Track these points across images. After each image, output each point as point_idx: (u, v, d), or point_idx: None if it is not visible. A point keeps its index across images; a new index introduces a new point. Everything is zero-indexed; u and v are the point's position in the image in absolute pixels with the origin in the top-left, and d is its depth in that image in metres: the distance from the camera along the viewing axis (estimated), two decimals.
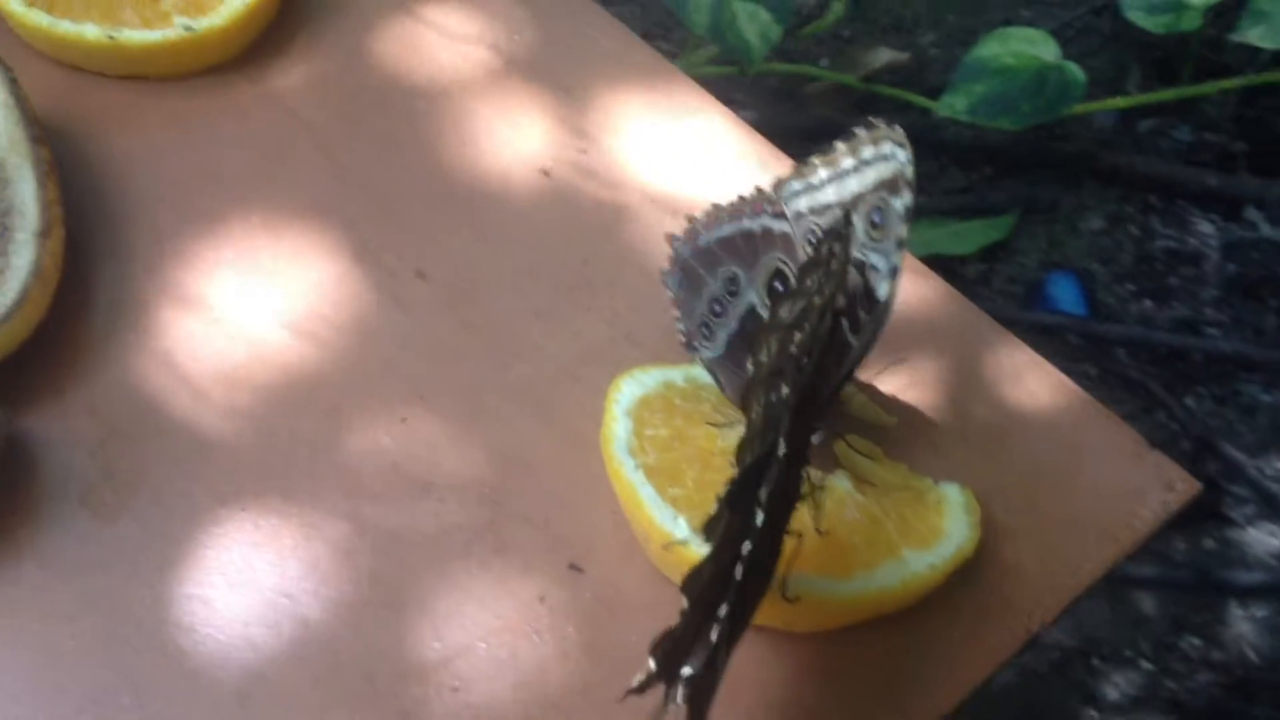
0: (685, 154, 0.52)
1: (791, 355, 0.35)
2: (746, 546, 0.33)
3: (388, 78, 0.54)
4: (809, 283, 0.35)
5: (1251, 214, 1.07)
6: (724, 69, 1.13)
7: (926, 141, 1.20)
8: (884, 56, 1.20)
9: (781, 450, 0.33)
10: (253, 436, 0.45)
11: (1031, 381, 0.47)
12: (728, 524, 0.33)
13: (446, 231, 0.50)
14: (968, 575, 0.42)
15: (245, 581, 0.42)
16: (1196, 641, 0.99)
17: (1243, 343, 1.11)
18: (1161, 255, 1.16)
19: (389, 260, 0.49)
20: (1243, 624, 1.00)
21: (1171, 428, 1.07)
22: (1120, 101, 1.22)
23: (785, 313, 0.35)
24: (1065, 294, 1.13)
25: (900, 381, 0.45)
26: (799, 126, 1.17)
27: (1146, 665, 0.97)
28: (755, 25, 1.05)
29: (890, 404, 0.46)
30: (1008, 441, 0.45)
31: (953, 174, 1.20)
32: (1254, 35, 1.11)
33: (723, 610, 0.32)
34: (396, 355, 0.47)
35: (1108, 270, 1.15)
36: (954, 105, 1.10)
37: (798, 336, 0.36)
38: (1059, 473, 0.45)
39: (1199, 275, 1.15)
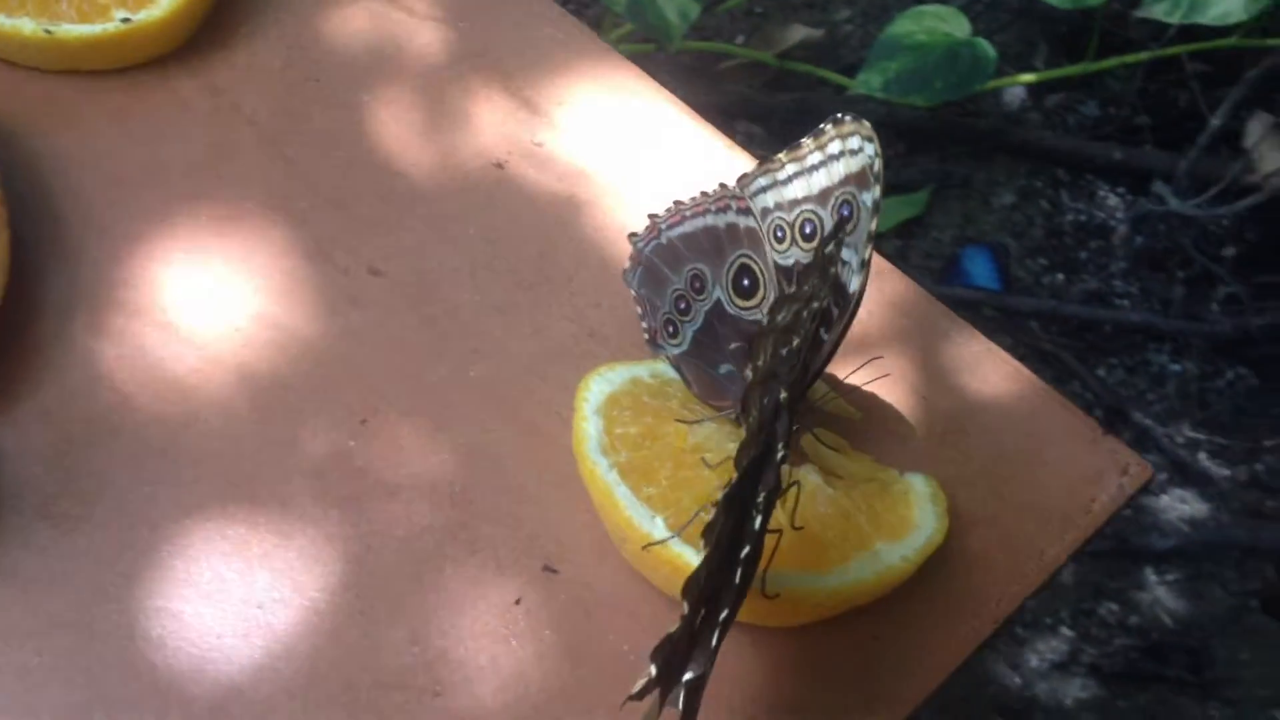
0: (637, 144, 0.52)
1: (783, 357, 0.35)
2: (745, 550, 0.33)
3: (331, 69, 0.53)
4: (806, 287, 0.35)
5: (1159, 187, 1.09)
6: (639, 46, 1.12)
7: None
8: (798, 33, 1.20)
9: (781, 453, 0.33)
10: (215, 442, 0.44)
11: (988, 370, 0.47)
12: (724, 527, 0.34)
13: (399, 227, 0.49)
14: (936, 564, 0.43)
15: (215, 592, 0.41)
16: (1114, 607, 1.02)
17: (1151, 314, 1.14)
18: (1071, 229, 1.18)
19: (342, 257, 0.48)
20: (1157, 589, 1.03)
21: (1085, 398, 1.09)
22: (1028, 77, 1.24)
23: (782, 317, 0.36)
24: (980, 268, 1.15)
25: (861, 374, 0.46)
26: (714, 104, 1.17)
27: (1067, 631, 1.00)
28: (674, 3, 1.05)
29: (853, 397, 0.46)
30: (968, 430, 0.46)
31: None
32: (1158, 10, 1.13)
33: (724, 614, 0.33)
34: (355, 355, 0.46)
35: (1020, 244, 1.17)
36: (869, 82, 1.11)
37: (794, 340, 0.36)
38: (1019, 460, 0.46)
39: (1108, 248, 1.17)
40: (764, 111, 1.21)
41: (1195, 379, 1.11)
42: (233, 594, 0.41)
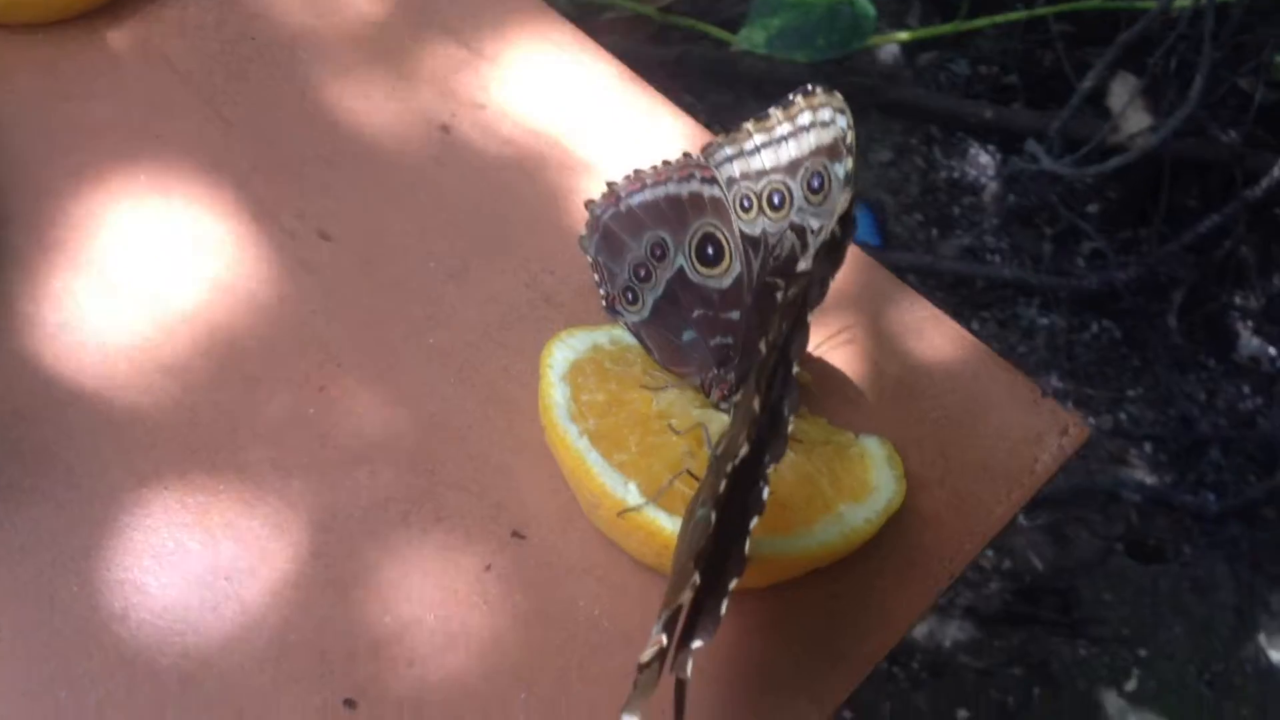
0: (580, 106, 0.52)
1: (785, 333, 0.36)
2: (754, 521, 0.34)
3: (267, 26, 0.51)
4: (817, 267, 0.36)
5: (1032, 146, 1.13)
6: None
7: (722, 74, 1.22)
8: None
9: (790, 427, 0.34)
10: (169, 411, 0.43)
11: (933, 335, 0.49)
12: (732, 497, 0.34)
13: (346, 190, 0.48)
14: (892, 524, 0.44)
15: (178, 564, 0.40)
16: (989, 553, 1.06)
17: (1021, 269, 1.18)
18: (945, 186, 1.21)
19: (288, 220, 0.47)
20: (1029, 533, 1.07)
21: None
22: (903, 36, 1.27)
23: (793, 292, 0.36)
24: (859, 224, 1.17)
25: (812, 340, 0.47)
26: None
27: None
28: None
29: (804, 361, 0.47)
30: (916, 393, 0.48)
31: (749, 106, 1.22)
32: None
33: (733, 583, 0.33)
34: (308, 321, 0.46)
35: (896, 201, 1.20)
36: (751, 38, 1.12)
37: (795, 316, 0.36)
38: (965, 422, 0.47)
39: (980, 205, 1.21)
40: (645, 65, 1.21)
41: (1063, 332, 1.16)
42: (197, 565, 0.40)
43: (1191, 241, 1.15)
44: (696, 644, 0.33)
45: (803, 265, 0.35)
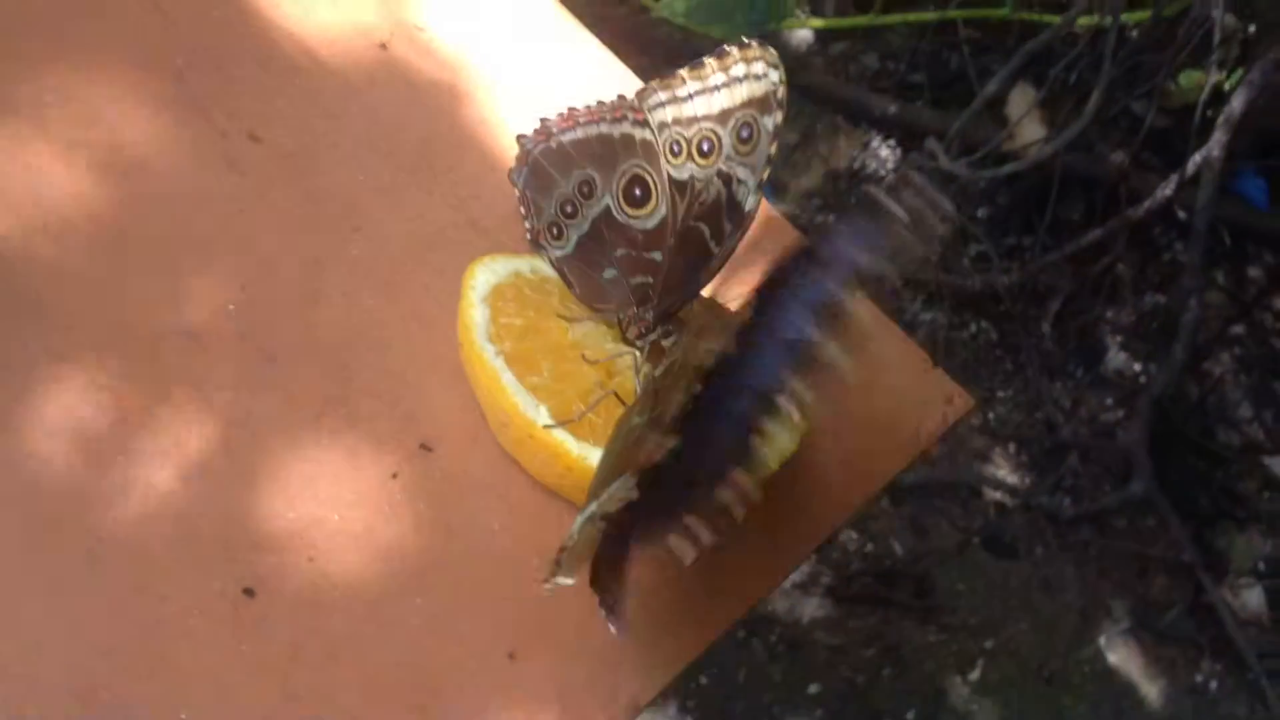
0: (515, 39, 0.53)
1: None
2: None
3: None
4: None
5: (932, 144, 1.16)
6: None
7: (637, 39, 1.23)
8: None
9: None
10: (90, 293, 0.44)
11: None
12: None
13: (279, 95, 0.49)
14: (785, 471, 0.46)
15: (90, 443, 0.41)
16: (854, 535, 1.10)
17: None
18: (845, 174, 1.25)
19: (220, 119, 0.48)
20: (893, 521, 1.11)
21: None
22: (817, 23, 1.29)
23: None
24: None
25: (730, 294, 0.49)
26: None
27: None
28: None
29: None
30: None
31: (664, 72, 1.24)
32: None
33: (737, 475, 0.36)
34: (233, 219, 0.47)
35: (797, 184, 1.23)
36: (672, 6, 1.14)
37: None
38: (860, 384, 0.50)
39: None
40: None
41: (944, 328, 1.20)
42: (108, 446, 0.41)
43: (1072, 253, 1.20)
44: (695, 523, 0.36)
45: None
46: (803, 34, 1.31)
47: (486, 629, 0.42)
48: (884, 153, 1.26)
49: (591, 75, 0.53)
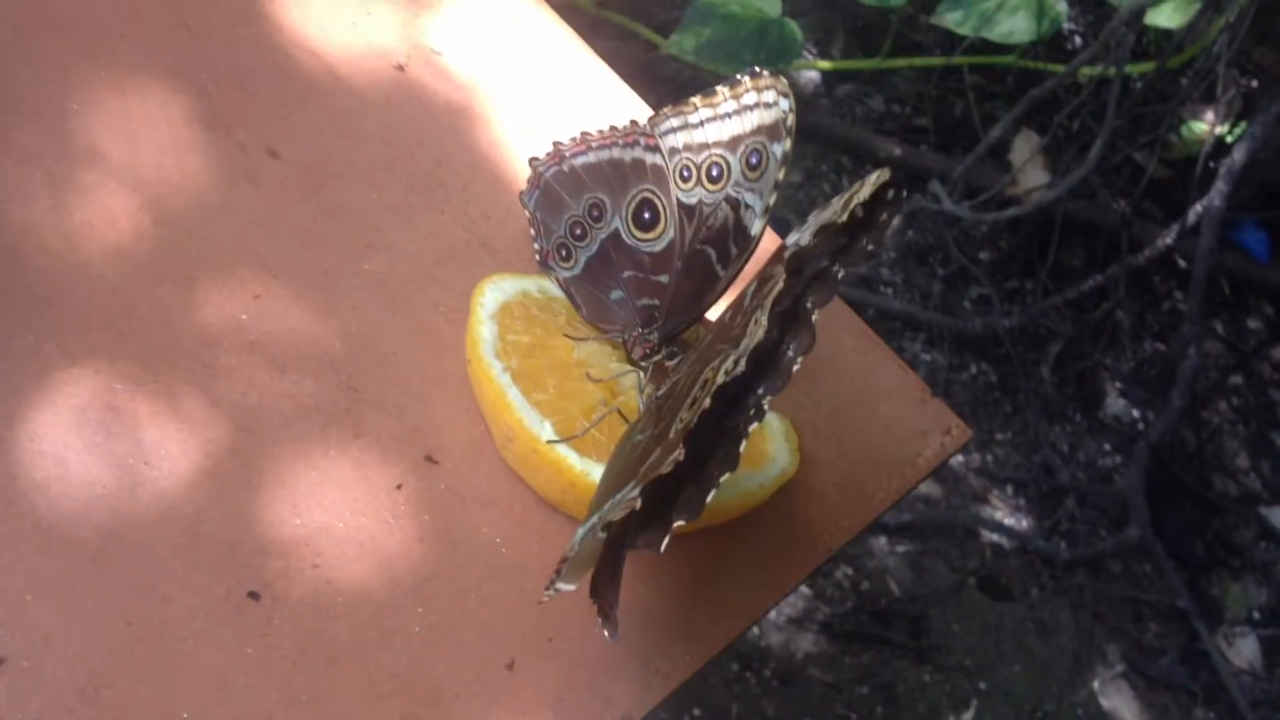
0: (530, 66, 0.55)
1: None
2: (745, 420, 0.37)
3: None
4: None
5: (936, 186, 1.18)
6: None
7: (646, 75, 1.25)
8: None
9: (797, 366, 0.38)
10: (107, 298, 0.44)
11: (839, 327, 0.52)
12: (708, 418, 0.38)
13: (298, 113, 0.50)
14: (782, 495, 0.47)
15: (101, 444, 0.42)
16: (850, 572, 1.10)
17: (911, 304, 1.23)
18: None
19: (240, 134, 0.49)
20: (889, 559, 1.12)
21: None
22: (825, 64, 1.31)
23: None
24: None
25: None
26: None
27: (805, 590, 1.08)
28: None
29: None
30: (818, 379, 0.51)
31: None
32: (950, 20, 1.22)
33: (723, 475, 0.37)
34: (249, 232, 0.47)
35: (801, 222, 1.24)
36: (681, 44, 1.16)
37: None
38: (859, 411, 0.51)
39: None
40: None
41: (944, 369, 1.21)
42: (119, 447, 0.42)
43: (1073, 299, 1.22)
44: (678, 521, 0.36)
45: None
46: (810, 75, 1.32)
47: (485, 639, 0.42)
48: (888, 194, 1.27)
49: (604, 103, 0.54)
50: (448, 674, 0.42)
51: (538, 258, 0.48)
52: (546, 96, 0.54)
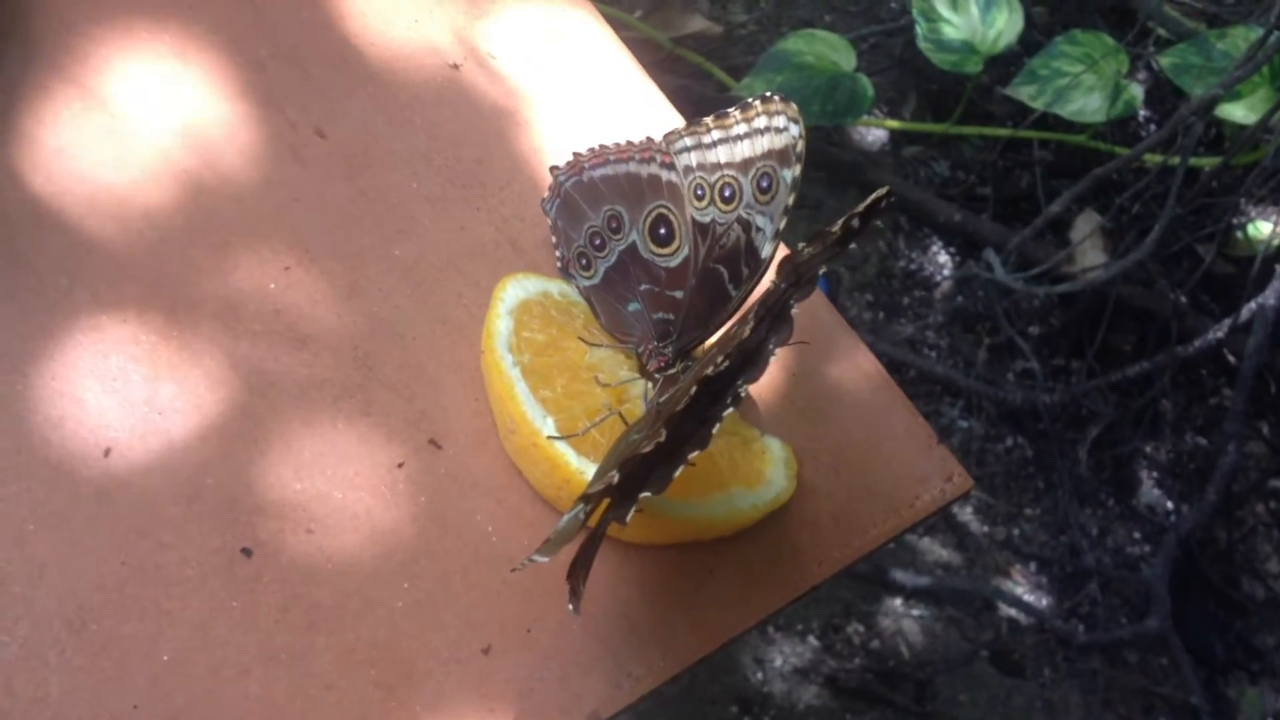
0: (583, 80, 0.56)
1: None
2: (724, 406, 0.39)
3: None
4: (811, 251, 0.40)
5: (990, 255, 1.19)
6: None
7: (690, 102, 1.27)
8: (698, 23, 1.26)
9: (773, 357, 0.39)
10: (142, 252, 0.46)
11: (853, 365, 0.53)
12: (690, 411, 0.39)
13: (351, 98, 0.52)
14: (775, 519, 0.48)
15: (118, 389, 0.44)
16: (860, 628, 1.10)
17: (953, 369, 1.23)
18: (901, 274, 1.27)
19: (292, 112, 0.51)
20: (903, 620, 1.12)
21: None
22: (894, 124, 1.33)
23: (809, 252, 0.41)
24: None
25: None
26: None
27: (814, 641, 1.08)
28: None
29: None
30: (825, 411, 0.52)
31: None
32: (1025, 92, 1.23)
33: (692, 454, 0.38)
34: (288, 206, 0.49)
35: (852, 277, 1.25)
36: (752, 87, 1.18)
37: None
38: (862, 447, 0.52)
39: (929, 300, 1.27)
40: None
41: (979, 439, 1.21)
42: (136, 395, 0.44)
43: (1118, 382, 1.22)
44: (645, 494, 0.38)
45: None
46: (878, 133, 1.34)
47: (465, 622, 0.44)
48: (942, 258, 1.28)
49: (648, 122, 0.56)
50: (424, 651, 0.43)
51: (559, 265, 0.50)
52: (593, 110, 0.55)
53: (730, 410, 0.39)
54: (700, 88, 1.26)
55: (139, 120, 0.49)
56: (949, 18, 1.23)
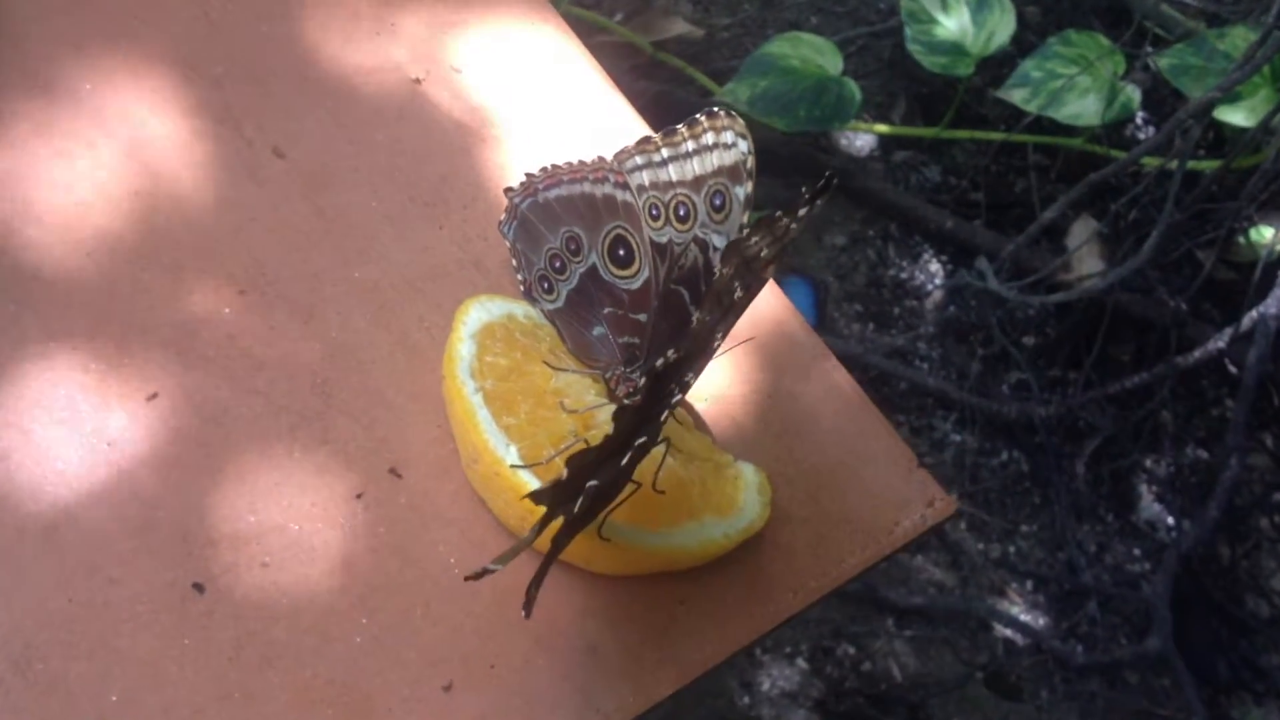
0: (550, 95, 0.56)
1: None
2: (641, 440, 0.39)
3: None
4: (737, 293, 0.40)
5: (982, 264, 1.19)
6: None
7: (673, 110, 1.27)
8: (679, 27, 1.26)
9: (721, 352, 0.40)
10: (92, 276, 0.47)
11: (830, 386, 0.54)
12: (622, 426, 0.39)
13: (309, 115, 0.53)
14: (749, 547, 0.48)
15: (67, 420, 0.44)
16: (851, 650, 1.10)
17: (946, 381, 1.23)
18: (891, 283, 1.27)
19: (249, 130, 0.51)
20: (895, 642, 1.12)
21: None
22: (883, 129, 1.33)
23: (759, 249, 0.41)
24: (798, 301, 1.22)
25: (715, 364, 0.51)
26: None
27: (803, 664, 1.08)
28: None
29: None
30: (801, 435, 0.52)
31: None
32: (1017, 96, 1.23)
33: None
34: (244, 227, 0.49)
35: (841, 286, 1.25)
36: (736, 92, 1.18)
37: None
38: (840, 472, 0.52)
39: (920, 310, 1.27)
40: (625, 94, 1.27)
41: (973, 453, 1.21)
42: (85, 426, 0.44)
43: (1116, 394, 1.22)
44: (592, 483, 0.38)
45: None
46: (866, 138, 1.34)
47: (426, 658, 0.44)
48: (934, 266, 1.28)
49: (618, 134, 0.56)
50: (383, 688, 0.43)
51: (522, 288, 0.50)
52: (561, 125, 0.56)
53: (679, 398, 0.39)
54: (683, 93, 1.26)
55: (88, 142, 0.49)
56: (939, 18, 1.23)
